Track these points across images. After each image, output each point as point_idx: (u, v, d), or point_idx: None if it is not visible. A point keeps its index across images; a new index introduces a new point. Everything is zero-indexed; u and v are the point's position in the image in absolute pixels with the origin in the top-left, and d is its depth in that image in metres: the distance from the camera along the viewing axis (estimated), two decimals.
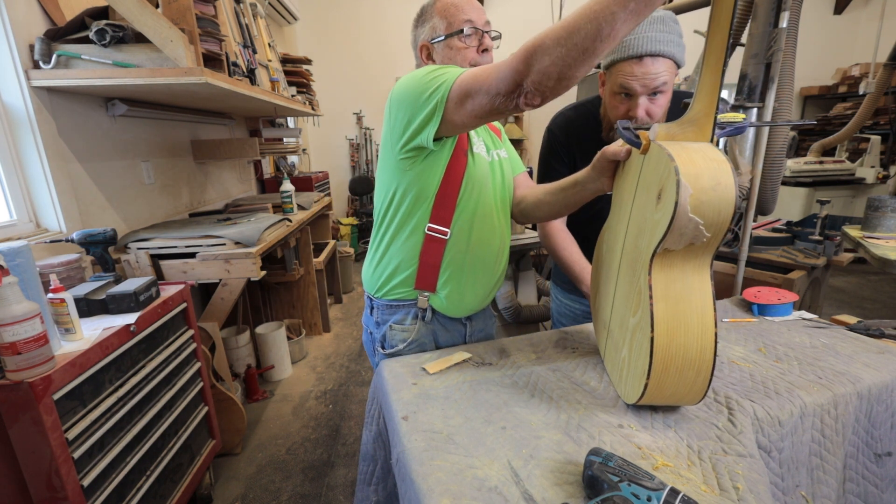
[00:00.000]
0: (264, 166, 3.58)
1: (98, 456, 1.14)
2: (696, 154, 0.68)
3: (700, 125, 0.73)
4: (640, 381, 0.75)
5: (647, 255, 0.73)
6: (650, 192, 0.74)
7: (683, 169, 0.65)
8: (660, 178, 0.70)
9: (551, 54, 0.67)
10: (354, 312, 3.73)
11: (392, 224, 1.05)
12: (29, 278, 1.03)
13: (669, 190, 0.66)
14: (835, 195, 4.54)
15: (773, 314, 1.19)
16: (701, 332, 0.71)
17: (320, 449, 2.05)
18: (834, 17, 6.10)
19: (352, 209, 5.68)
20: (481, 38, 1.01)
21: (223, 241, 1.76)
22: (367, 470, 0.98)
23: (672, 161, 0.66)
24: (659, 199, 0.70)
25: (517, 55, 0.72)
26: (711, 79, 0.71)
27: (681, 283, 0.73)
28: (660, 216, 0.69)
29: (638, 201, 0.80)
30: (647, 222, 0.74)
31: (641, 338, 0.74)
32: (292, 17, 4.32)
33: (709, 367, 0.72)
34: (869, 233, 2.29)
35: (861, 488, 0.89)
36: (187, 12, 1.52)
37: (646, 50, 1.00)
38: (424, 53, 1.06)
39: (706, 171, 0.66)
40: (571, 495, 0.63)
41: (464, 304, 1.10)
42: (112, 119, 1.85)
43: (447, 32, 1.00)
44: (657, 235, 0.70)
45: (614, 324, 0.89)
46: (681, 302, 0.72)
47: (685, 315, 0.72)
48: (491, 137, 1.15)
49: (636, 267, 0.78)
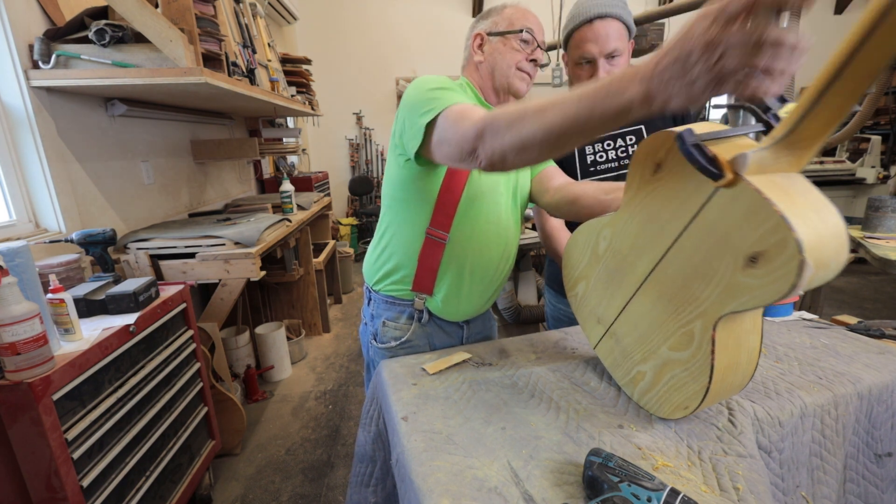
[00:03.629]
0: (264, 166, 3.58)
1: (97, 456, 1.14)
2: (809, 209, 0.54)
3: (802, 153, 0.56)
4: (678, 411, 0.76)
5: (715, 312, 0.65)
6: (729, 244, 0.61)
7: (807, 240, 0.51)
8: (759, 240, 0.56)
9: (501, 137, 0.67)
10: (354, 313, 3.73)
11: (395, 219, 1.06)
12: (28, 278, 1.03)
13: (782, 266, 0.54)
14: (835, 195, 4.54)
15: (774, 314, 1.19)
16: (746, 367, 0.72)
17: (320, 449, 2.05)
18: (834, 17, 6.10)
19: (351, 209, 5.68)
20: (534, 49, 1.02)
21: (223, 242, 1.76)
22: (364, 471, 0.98)
23: (791, 231, 0.51)
24: (754, 265, 0.58)
25: (477, 124, 0.71)
26: (848, 97, 0.48)
27: (738, 329, 0.68)
28: (752, 283, 0.58)
29: (696, 238, 0.67)
30: (719, 277, 0.64)
31: (687, 378, 0.73)
32: (292, 17, 4.32)
33: (742, 387, 0.75)
34: (869, 233, 2.29)
35: (861, 489, 0.89)
36: (187, 12, 1.52)
37: (595, 13, 1.09)
38: (477, 42, 1.06)
39: (829, 241, 0.53)
40: (571, 496, 0.62)
41: (460, 309, 1.10)
42: (111, 119, 1.85)
43: (508, 29, 1.02)
44: (743, 303, 0.60)
45: (623, 331, 0.87)
46: (736, 348, 0.70)
47: (737, 358, 0.70)
48: None
49: (684, 308, 0.71)
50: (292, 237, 2.41)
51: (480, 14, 1.09)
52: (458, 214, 1.00)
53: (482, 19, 1.07)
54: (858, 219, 2.50)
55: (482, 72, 1.06)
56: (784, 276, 0.54)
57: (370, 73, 5.41)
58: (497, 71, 1.03)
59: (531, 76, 1.04)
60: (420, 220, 1.02)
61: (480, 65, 1.05)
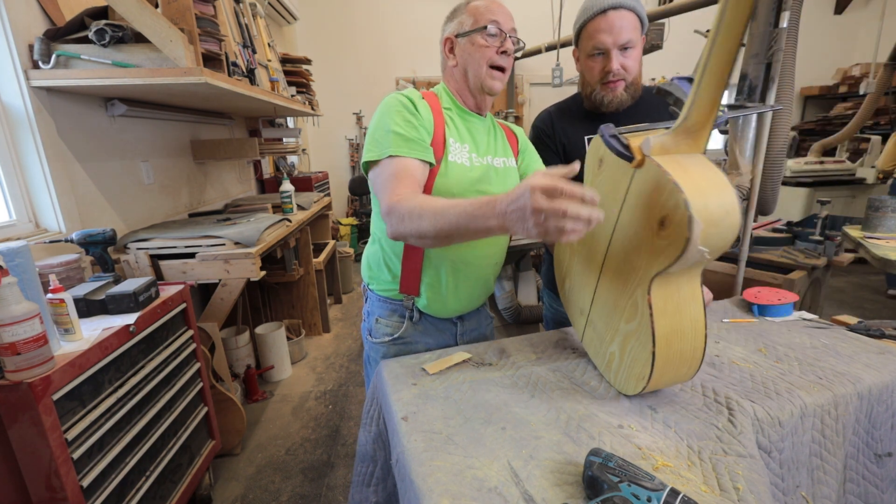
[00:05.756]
0: (264, 166, 3.58)
1: (97, 456, 1.14)
2: (700, 177, 0.65)
3: (696, 136, 0.69)
4: (639, 382, 0.80)
5: (647, 276, 0.73)
6: (647, 214, 0.72)
7: (693, 200, 0.62)
8: (662, 205, 0.67)
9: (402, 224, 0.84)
10: (354, 313, 3.73)
11: (380, 224, 1.08)
12: (28, 278, 1.03)
13: (678, 224, 0.64)
14: (835, 195, 4.54)
15: (774, 314, 1.19)
16: (693, 335, 0.76)
17: (320, 449, 2.05)
18: (834, 17, 6.10)
19: (352, 209, 5.67)
20: (504, 41, 1.02)
21: (223, 242, 1.76)
22: (365, 471, 0.98)
23: (680, 192, 0.63)
24: (662, 227, 0.68)
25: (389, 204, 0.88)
26: (714, 88, 0.64)
27: (676, 295, 0.75)
28: (665, 245, 0.68)
29: (628, 215, 0.78)
30: (645, 244, 0.73)
31: (639, 348, 0.78)
32: (292, 17, 4.32)
33: (699, 359, 0.77)
34: (869, 233, 2.29)
35: (861, 489, 0.89)
36: (187, 12, 1.52)
37: (609, 3, 1.09)
38: (448, 46, 1.07)
39: (714, 200, 0.64)
40: (571, 496, 0.62)
41: (448, 306, 1.11)
42: (111, 119, 1.85)
43: (472, 28, 1.01)
44: (661, 262, 0.69)
45: (596, 316, 0.93)
46: (677, 314, 0.75)
47: (680, 324, 0.75)
48: (493, 144, 1.13)
49: (629, 279, 0.79)
50: (292, 237, 2.41)
51: (448, 15, 1.08)
52: None
53: (449, 21, 1.07)
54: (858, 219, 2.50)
55: (457, 76, 1.07)
56: (681, 233, 0.64)
57: (370, 73, 5.41)
58: (470, 72, 1.04)
59: (505, 69, 1.04)
60: None
61: (454, 69, 1.07)
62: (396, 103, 0.98)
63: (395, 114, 0.97)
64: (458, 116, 1.07)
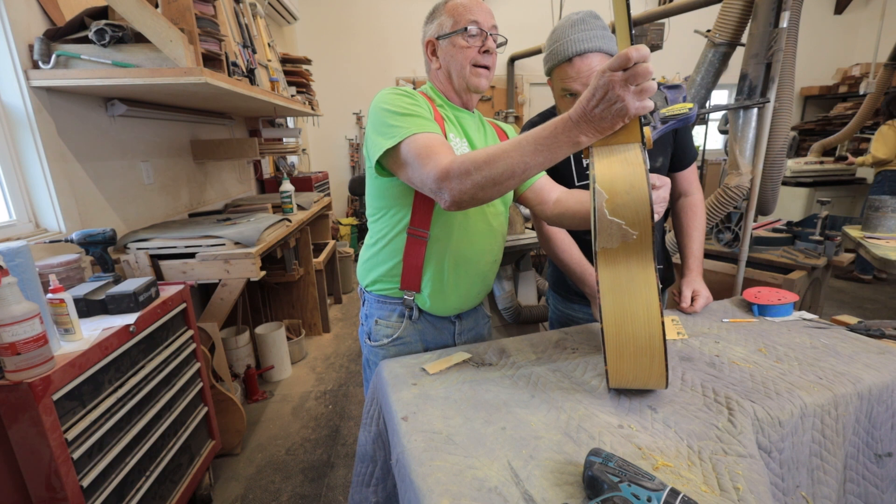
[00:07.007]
0: (264, 166, 3.58)
1: (97, 456, 1.14)
2: (616, 159, 0.75)
3: (628, 126, 0.75)
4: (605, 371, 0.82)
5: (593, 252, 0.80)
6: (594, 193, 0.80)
7: (599, 176, 0.74)
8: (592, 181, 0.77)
9: (471, 177, 0.79)
10: (354, 313, 3.73)
11: (379, 224, 1.09)
12: (28, 278, 1.03)
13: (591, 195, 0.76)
14: (835, 195, 4.53)
15: (774, 314, 1.19)
16: (647, 320, 0.76)
17: (320, 449, 2.05)
18: (834, 17, 6.10)
19: (351, 209, 5.67)
20: (485, 40, 1.01)
21: (223, 242, 1.76)
22: (365, 471, 0.98)
23: (594, 169, 0.75)
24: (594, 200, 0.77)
25: (442, 168, 0.82)
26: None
27: (626, 277, 0.78)
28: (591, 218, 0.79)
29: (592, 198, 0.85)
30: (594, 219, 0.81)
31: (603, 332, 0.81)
32: (292, 17, 4.31)
33: (660, 352, 0.77)
34: (869, 233, 2.29)
35: (861, 489, 0.89)
36: (187, 12, 1.52)
37: (573, 52, 1.09)
38: (430, 49, 1.07)
39: (621, 176, 0.73)
40: (571, 496, 0.62)
41: (448, 304, 1.11)
42: (111, 119, 1.85)
43: (453, 30, 1.01)
44: (595, 236, 0.78)
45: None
46: (626, 294, 0.77)
47: (631, 306, 0.77)
48: (484, 139, 1.14)
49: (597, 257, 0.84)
50: (292, 237, 2.41)
51: (427, 15, 1.07)
52: (437, 211, 1.02)
53: (429, 22, 1.06)
54: (858, 219, 2.50)
55: (441, 77, 1.07)
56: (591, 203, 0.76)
57: (370, 73, 5.41)
58: (453, 73, 1.04)
59: (489, 67, 1.04)
60: (401, 221, 1.05)
61: (438, 71, 1.06)
62: (396, 93, 0.97)
63: (400, 100, 0.95)
64: (451, 113, 1.08)
